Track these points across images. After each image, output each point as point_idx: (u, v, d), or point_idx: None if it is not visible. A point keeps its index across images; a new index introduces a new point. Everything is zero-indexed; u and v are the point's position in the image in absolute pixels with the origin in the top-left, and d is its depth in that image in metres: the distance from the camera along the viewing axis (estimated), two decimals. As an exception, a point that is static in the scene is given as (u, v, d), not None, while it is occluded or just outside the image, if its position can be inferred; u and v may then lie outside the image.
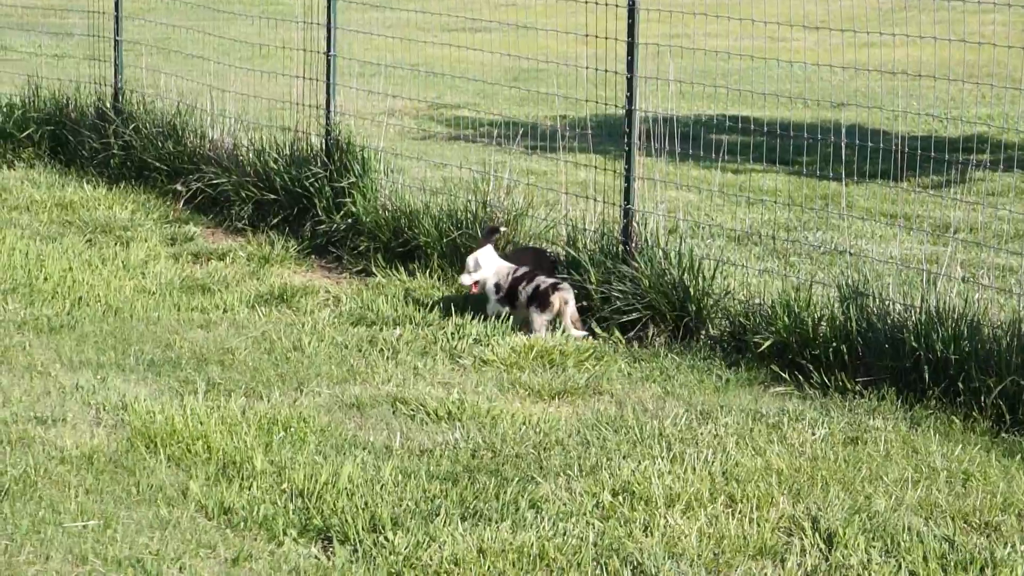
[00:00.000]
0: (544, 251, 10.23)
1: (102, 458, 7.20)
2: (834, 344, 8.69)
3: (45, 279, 10.25)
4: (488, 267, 9.94)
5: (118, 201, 12.71)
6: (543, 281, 9.68)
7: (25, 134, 14.28)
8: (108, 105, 13.85)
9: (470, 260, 9.99)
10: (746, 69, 12.86)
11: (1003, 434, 7.89)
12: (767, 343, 8.94)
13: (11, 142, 14.34)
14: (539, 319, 9.59)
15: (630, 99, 9.92)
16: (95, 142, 13.74)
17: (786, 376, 8.74)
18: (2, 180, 13.47)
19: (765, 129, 11.18)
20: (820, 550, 6.43)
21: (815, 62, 12.17)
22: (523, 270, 9.84)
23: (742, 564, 6.29)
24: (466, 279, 9.94)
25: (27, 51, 21.49)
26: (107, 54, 14.08)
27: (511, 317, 9.70)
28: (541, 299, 9.60)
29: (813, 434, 7.80)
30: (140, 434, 7.48)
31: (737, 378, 8.79)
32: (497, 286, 9.86)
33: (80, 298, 9.92)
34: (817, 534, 6.55)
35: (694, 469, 7.23)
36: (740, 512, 6.78)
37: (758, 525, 6.63)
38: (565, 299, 9.59)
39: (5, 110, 14.51)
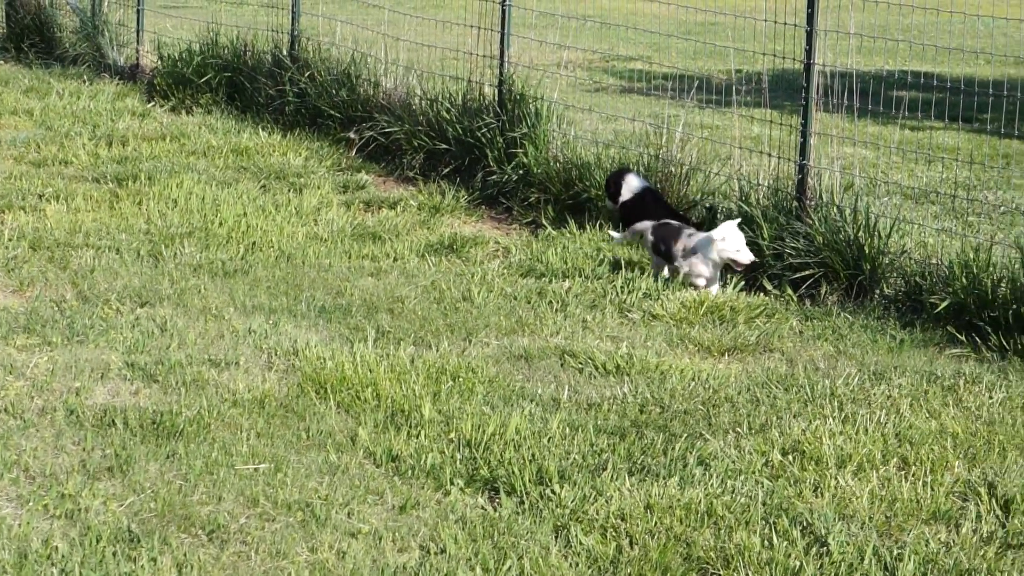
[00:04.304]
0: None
1: (273, 402, 7.27)
2: (1014, 306, 8.47)
3: (220, 224, 10.39)
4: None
5: (292, 148, 12.84)
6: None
7: (203, 80, 14.49)
8: (284, 53, 13.97)
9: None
10: (927, 23, 12.58)
11: None
12: (944, 304, 8.75)
13: (190, 88, 14.55)
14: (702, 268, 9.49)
15: (809, 52, 9.75)
16: (271, 89, 13.88)
17: (963, 338, 8.55)
18: (181, 125, 13.68)
19: (947, 85, 10.89)
20: (997, 517, 6.27)
21: (998, 15, 11.84)
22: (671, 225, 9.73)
23: (915, 528, 6.16)
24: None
25: (206, -1, 21.78)
26: (285, 2, 14.20)
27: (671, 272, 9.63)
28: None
29: (990, 398, 7.62)
30: (310, 379, 7.55)
31: (912, 339, 8.62)
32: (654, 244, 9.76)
33: (254, 243, 10.03)
34: (994, 500, 6.39)
35: (866, 430, 7.10)
36: (913, 475, 6.64)
37: (932, 489, 6.49)
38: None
39: (185, 56, 14.72)
